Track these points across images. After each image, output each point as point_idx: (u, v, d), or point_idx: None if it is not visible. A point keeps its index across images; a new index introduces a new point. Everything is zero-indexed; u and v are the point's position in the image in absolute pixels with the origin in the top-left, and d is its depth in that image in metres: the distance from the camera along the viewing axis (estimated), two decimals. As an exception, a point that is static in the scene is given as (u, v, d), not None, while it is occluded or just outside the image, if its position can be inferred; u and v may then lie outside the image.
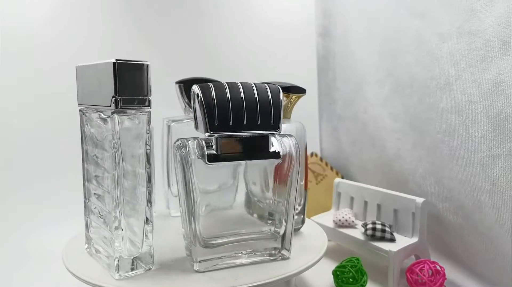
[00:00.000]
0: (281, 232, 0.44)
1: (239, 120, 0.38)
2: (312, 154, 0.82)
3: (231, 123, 0.38)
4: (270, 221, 0.44)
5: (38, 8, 0.72)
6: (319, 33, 0.90)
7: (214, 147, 0.39)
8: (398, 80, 0.66)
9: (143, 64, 0.38)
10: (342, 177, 0.81)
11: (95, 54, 0.76)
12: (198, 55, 0.84)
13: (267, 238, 0.44)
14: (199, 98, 0.37)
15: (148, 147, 0.40)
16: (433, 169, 0.60)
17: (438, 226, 0.60)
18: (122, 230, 0.39)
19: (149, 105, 0.39)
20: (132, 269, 0.40)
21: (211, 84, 0.38)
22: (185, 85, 0.56)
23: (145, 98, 0.38)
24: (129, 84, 0.37)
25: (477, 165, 0.52)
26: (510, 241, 0.49)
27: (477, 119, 0.51)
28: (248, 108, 0.38)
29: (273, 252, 0.44)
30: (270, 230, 0.44)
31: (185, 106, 0.57)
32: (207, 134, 0.38)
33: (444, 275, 0.50)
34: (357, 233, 0.59)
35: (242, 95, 0.38)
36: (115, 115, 0.37)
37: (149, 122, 0.40)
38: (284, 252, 0.45)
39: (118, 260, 0.39)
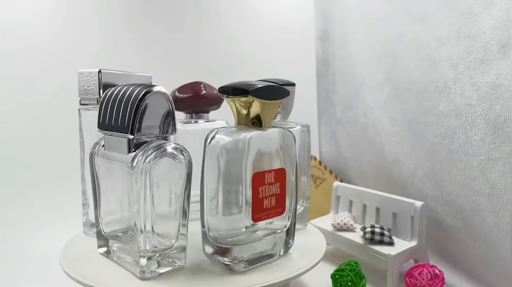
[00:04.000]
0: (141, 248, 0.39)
1: (108, 119, 0.40)
2: (311, 158, 0.81)
3: (106, 122, 0.40)
4: None
5: (37, 8, 0.72)
6: (318, 36, 0.90)
7: None
8: (397, 84, 0.66)
9: (96, 71, 0.47)
10: (341, 181, 0.81)
11: (94, 56, 0.76)
12: (199, 58, 0.84)
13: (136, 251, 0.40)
14: None
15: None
16: (432, 173, 0.60)
17: (437, 230, 0.60)
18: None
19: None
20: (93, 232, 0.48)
21: (115, 87, 0.41)
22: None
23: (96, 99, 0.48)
24: (86, 87, 0.48)
25: (476, 168, 0.52)
26: (509, 245, 0.49)
27: (476, 122, 0.51)
28: (116, 109, 0.39)
29: (141, 269, 0.39)
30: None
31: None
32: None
33: (443, 279, 0.49)
34: (356, 236, 0.59)
35: (118, 97, 0.39)
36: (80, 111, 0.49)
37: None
38: (146, 273, 0.39)
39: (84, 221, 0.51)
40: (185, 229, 0.42)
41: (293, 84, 0.53)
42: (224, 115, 0.56)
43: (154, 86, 0.39)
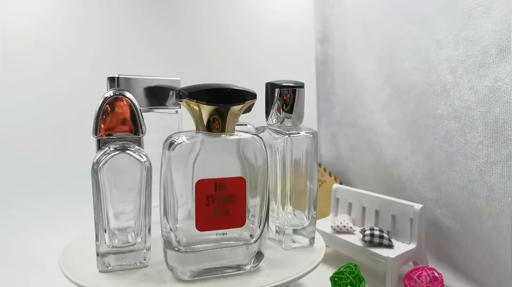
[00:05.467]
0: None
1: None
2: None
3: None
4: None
5: (38, 8, 0.72)
6: (318, 39, 0.90)
7: None
8: (396, 86, 0.66)
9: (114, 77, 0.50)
10: (341, 183, 0.81)
11: (93, 58, 0.76)
12: (197, 59, 0.84)
13: None
14: None
15: None
16: (431, 175, 0.60)
17: (436, 233, 0.60)
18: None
19: None
20: None
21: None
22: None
23: None
24: None
25: (474, 171, 0.52)
26: (508, 247, 0.49)
27: (475, 126, 0.52)
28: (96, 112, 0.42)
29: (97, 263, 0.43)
30: None
31: None
32: None
33: (442, 281, 0.49)
34: (355, 239, 0.59)
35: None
36: None
37: None
38: (101, 267, 0.42)
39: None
40: (147, 228, 0.42)
41: (302, 86, 0.50)
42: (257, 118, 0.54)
43: (121, 90, 0.41)
